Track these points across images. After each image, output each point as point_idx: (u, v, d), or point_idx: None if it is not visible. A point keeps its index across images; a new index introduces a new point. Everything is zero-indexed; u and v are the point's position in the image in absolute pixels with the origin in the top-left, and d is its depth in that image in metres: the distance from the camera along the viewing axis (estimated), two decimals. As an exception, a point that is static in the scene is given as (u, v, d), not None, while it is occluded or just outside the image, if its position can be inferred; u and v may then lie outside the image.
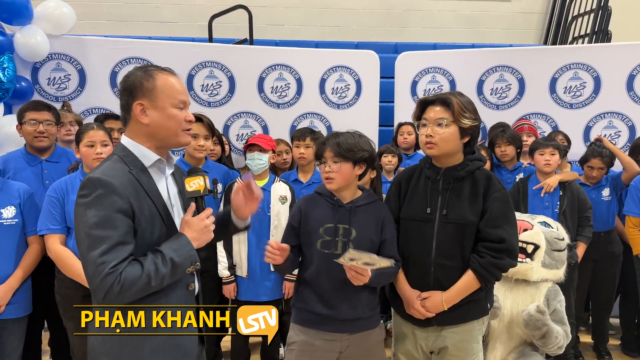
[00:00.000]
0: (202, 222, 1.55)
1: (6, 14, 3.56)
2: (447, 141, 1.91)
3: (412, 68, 4.42)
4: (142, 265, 1.43)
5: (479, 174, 1.96)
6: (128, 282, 1.39)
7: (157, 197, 1.54)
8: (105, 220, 1.39)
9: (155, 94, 1.51)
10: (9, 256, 2.41)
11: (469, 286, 1.92)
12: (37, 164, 2.83)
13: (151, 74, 1.52)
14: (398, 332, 2.13)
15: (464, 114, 1.91)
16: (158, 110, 1.51)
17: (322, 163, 1.99)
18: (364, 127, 4.07)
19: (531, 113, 4.28)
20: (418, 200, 2.00)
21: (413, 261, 2.00)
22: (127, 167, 1.50)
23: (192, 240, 1.52)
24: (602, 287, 3.48)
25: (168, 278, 1.47)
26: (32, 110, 2.78)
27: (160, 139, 1.55)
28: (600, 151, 3.40)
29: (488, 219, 1.90)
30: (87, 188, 1.42)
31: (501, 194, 1.93)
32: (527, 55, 4.39)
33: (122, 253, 1.40)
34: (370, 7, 7.24)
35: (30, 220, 2.45)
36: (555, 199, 3.15)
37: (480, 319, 2.03)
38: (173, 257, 1.46)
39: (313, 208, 2.02)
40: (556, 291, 2.62)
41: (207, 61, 4.10)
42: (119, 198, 1.42)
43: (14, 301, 2.41)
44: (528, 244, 2.54)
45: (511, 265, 1.92)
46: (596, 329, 3.63)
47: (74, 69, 3.92)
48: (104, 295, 1.39)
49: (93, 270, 1.39)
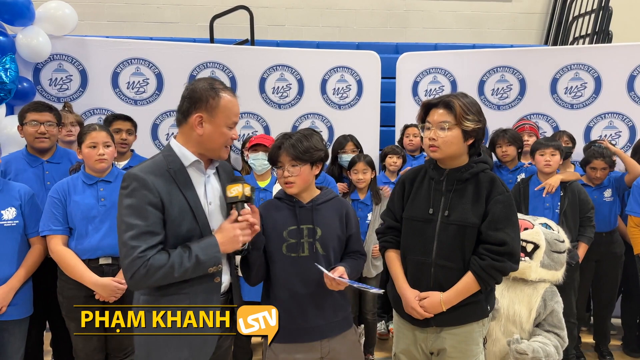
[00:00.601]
0: (233, 231, 1.69)
1: (8, 15, 3.56)
2: (450, 144, 1.91)
3: (413, 68, 4.43)
4: (169, 256, 1.60)
5: (483, 176, 1.96)
6: (154, 268, 1.57)
7: (191, 194, 1.69)
8: (137, 210, 1.59)
9: (216, 112, 1.68)
10: (9, 257, 2.40)
11: (468, 288, 1.91)
12: (39, 165, 2.82)
13: (218, 93, 1.69)
14: (398, 332, 2.13)
15: (467, 117, 1.89)
16: (213, 125, 1.69)
17: (278, 168, 1.96)
18: (365, 127, 4.17)
19: (532, 113, 4.28)
20: (421, 200, 2.00)
21: (414, 261, 2.00)
22: (166, 165, 1.68)
23: (220, 245, 1.67)
24: (604, 287, 3.48)
25: (191, 272, 1.63)
26: (34, 111, 2.77)
27: (205, 149, 1.72)
28: (602, 152, 3.40)
29: (490, 222, 1.89)
30: (125, 181, 1.63)
31: (504, 196, 1.92)
32: (528, 55, 4.39)
33: (151, 240, 1.58)
34: (371, 8, 7.25)
35: (32, 221, 2.45)
36: (556, 200, 3.15)
37: (481, 321, 2.01)
38: (199, 255, 1.62)
39: (272, 213, 1.98)
40: (553, 292, 2.59)
41: (209, 62, 4.11)
42: (149, 192, 1.61)
43: (15, 302, 2.40)
44: (528, 242, 2.53)
45: (512, 268, 1.91)
46: (598, 329, 3.63)
47: (76, 69, 3.93)
48: (131, 275, 1.57)
49: (125, 252, 1.58)
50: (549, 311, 2.54)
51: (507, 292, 2.57)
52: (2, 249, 2.38)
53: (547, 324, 2.52)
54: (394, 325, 2.19)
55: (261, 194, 2.91)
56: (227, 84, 4.03)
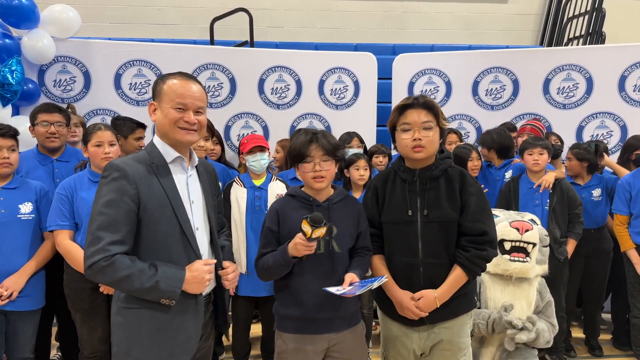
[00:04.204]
0: (203, 275, 1.66)
1: (14, 18, 3.65)
2: (434, 143, 1.98)
3: (409, 69, 4.53)
4: (133, 265, 1.57)
5: (452, 171, 2.03)
6: (114, 268, 1.54)
7: (171, 189, 1.69)
8: (111, 199, 1.58)
9: (161, 96, 1.71)
10: (23, 249, 2.53)
11: (458, 280, 1.97)
12: (49, 163, 2.95)
13: (165, 80, 1.72)
14: (388, 335, 2.15)
15: (443, 116, 1.99)
16: (161, 110, 1.71)
17: (306, 162, 1.95)
18: (361, 127, 4.25)
19: (525, 114, 4.38)
20: (397, 203, 2.03)
21: (400, 263, 2.02)
22: (150, 159, 1.69)
23: (185, 282, 1.64)
24: (593, 282, 3.56)
25: (144, 292, 1.60)
26: (44, 112, 2.90)
27: (164, 136, 1.73)
28: (580, 145, 3.50)
29: (467, 214, 1.97)
30: (107, 171, 1.63)
31: (475, 188, 2.01)
32: (521, 56, 4.49)
33: (117, 233, 1.56)
34: (369, 9, 7.33)
35: (46, 216, 2.56)
36: (545, 197, 3.24)
37: (469, 313, 2.09)
38: (160, 281, 1.59)
39: (290, 211, 1.99)
40: (544, 284, 2.76)
41: (209, 63, 4.20)
42: (128, 183, 1.60)
43: (29, 294, 2.51)
44: (529, 243, 2.63)
45: (494, 255, 2.00)
46: (587, 323, 3.71)
47: (79, 71, 4.02)
48: (90, 265, 1.55)
49: (90, 239, 1.57)
50: (545, 302, 2.69)
51: (507, 289, 2.68)
52: (18, 240, 2.51)
53: (543, 314, 2.69)
54: (382, 329, 2.21)
55: (257, 192, 2.98)
56: (227, 85, 4.24)
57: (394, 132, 2.05)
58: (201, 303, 1.76)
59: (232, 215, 2.96)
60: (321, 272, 1.95)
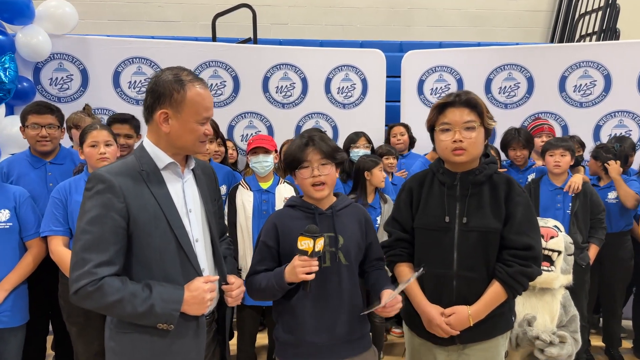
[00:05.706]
0: (203, 294, 1.48)
1: (7, 14, 3.51)
2: (478, 145, 1.78)
3: (419, 67, 4.37)
4: (124, 288, 1.40)
5: (498, 177, 1.84)
6: (102, 293, 1.37)
7: (165, 199, 1.50)
8: (96, 216, 1.41)
9: (182, 107, 1.49)
10: (3, 259, 2.34)
11: (496, 298, 1.77)
12: (41, 166, 2.78)
13: (184, 86, 1.49)
14: (414, 353, 1.97)
15: (488, 115, 1.80)
16: (180, 122, 1.50)
17: (303, 168, 1.77)
18: (370, 126, 4.10)
19: (540, 112, 4.22)
20: (434, 208, 1.85)
21: (431, 274, 1.81)
22: (139, 166, 1.50)
23: (184, 303, 1.46)
24: (611, 289, 3.41)
25: (137, 318, 1.43)
26: (35, 114, 2.72)
27: (177, 147, 1.54)
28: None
29: (512, 225, 1.77)
30: (90, 182, 1.45)
31: (523, 198, 1.81)
32: (535, 53, 4.32)
33: (104, 254, 1.39)
34: (375, 6, 7.20)
35: (28, 224, 2.39)
36: (568, 200, 3.09)
37: (505, 334, 1.89)
38: (155, 304, 1.41)
39: (289, 222, 1.80)
40: (569, 297, 2.59)
41: (211, 61, 4.06)
42: (114, 197, 1.42)
43: (9, 310, 2.32)
44: (554, 251, 2.48)
45: (538, 273, 1.80)
46: (607, 331, 3.56)
47: (77, 69, 3.88)
48: (76, 290, 1.38)
49: (74, 261, 1.40)
50: (569, 316, 2.52)
51: (528, 302, 2.52)
52: None
53: (566, 329, 2.50)
54: (407, 345, 2.03)
55: (264, 196, 2.85)
56: (230, 83, 4.09)
57: (432, 132, 1.87)
58: (203, 324, 1.57)
59: (238, 219, 2.83)
60: (326, 290, 1.76)
